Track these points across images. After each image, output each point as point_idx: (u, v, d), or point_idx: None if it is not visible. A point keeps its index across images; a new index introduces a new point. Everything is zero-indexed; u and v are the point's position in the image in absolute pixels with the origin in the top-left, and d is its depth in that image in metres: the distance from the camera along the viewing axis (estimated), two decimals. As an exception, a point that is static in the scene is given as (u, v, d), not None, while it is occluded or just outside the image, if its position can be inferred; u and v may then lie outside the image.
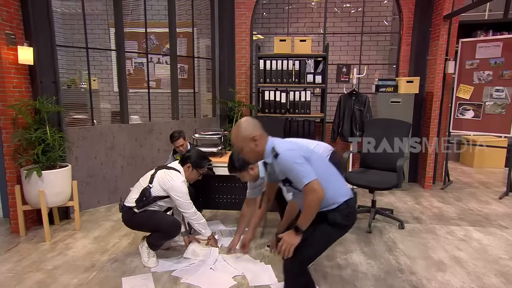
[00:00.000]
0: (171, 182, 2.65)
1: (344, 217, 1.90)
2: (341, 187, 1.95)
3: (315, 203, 1.76)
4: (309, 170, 1.77)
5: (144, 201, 2.66)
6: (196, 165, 2.76)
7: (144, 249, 2.79)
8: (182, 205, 2.67)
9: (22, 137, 3.17)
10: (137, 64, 5.96)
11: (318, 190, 1.74)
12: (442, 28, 4.51)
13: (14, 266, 2.75)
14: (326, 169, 1.95)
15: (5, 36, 3.08)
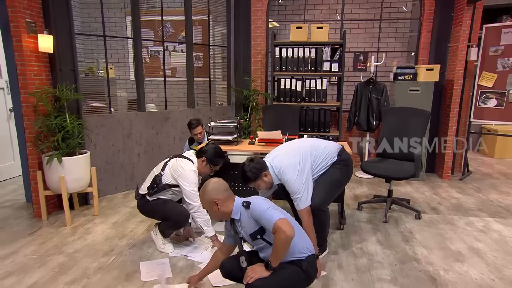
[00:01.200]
0: (181, 170, 2.65)
1: (313, 269, 1.97)
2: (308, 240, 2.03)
3: (283, 242, 1.79)
4: (280, 213, 1.85)
5: (155, 188, 2.70)
6: (211, 162, 2.72)
7: (159, 236, 2.84)
8: (188, 194, 2.62)
9: (43, 124, 3.24)
10: (153, 53, 5.99)
11: (287, 229, 1.77)
12: (465, 14, 4.36)
13: (38, 248, 2.84)
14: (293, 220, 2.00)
15: (25, 24, 3.13)
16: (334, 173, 2.64)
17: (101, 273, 2.49)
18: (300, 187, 2.45)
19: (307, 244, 1.99)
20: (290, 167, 2.47)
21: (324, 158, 2.62)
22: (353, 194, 4.20)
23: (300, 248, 1.94)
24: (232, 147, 3.30)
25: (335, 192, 2.72)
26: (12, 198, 3.99)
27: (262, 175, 2.42)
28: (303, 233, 2.05)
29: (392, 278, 2.44)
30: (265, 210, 1.85)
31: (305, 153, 2.55)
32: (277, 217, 1.81)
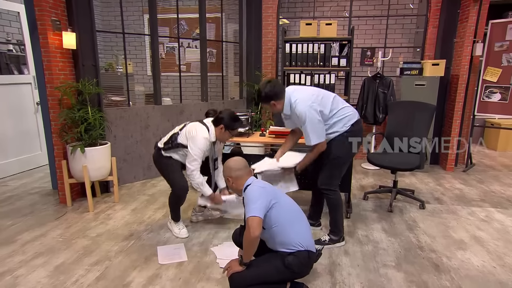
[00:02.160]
0: (194, 133, 2.66)
1: (299, 264, 1.90)
2: (306, 236, 1.96)
3: (247, 239, 1.80)
4: (257, 208, 1.81)
5: (169, 145, 2.73)
6: (228, 127, 2.68)
7: (173, 223, 2.90)
8: (189, 157, 2.64)
9: (67, 116, 3.29)
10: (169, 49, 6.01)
11: (251, 227, 1.76)
12: (471, 10, 4.25)
13: (63, 232, 2.92)
14: (294, 215, 1.99)
15: (51, 22, 3.17)
16: (336, 149, 2.54)
17: (122, 256, 2.54)
18: (308, 124, 2.38)
19: (302, 239, 1.92)
20: (305, 101, 2.40)
21: (339, 116, 2.50)
22: (360, 184, 4.18)
23: (291, 242, 1.90)
24: (244, 138, 3.31)
25: (337, 169, 2.59)
26: (40, 185, 4.08)
27: (271, 103, 2.44)
28: (301, 228, 1.98)
29: (396, 264, 2.44)
30: (250, 201, 1.86)
31: (325, 98, 2.49)
32: (251, 214, 1.79)
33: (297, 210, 2.05)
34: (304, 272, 1.98)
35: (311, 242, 1.98)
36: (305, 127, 2.42)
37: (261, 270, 1.91)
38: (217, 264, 2.43)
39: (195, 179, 2.69)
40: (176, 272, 2.35)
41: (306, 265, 1.95)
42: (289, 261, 1.88)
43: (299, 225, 1.98)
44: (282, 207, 1.94)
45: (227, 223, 3.09)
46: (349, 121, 2.53)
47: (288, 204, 2.01)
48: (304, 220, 2.04)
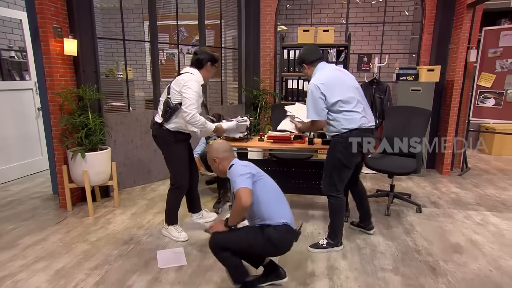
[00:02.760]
0: (184, 81, 2.58)
1: (279, 237, 1.95)
2: (286, 213, 2.02)
3: (237, 207, 1.88)
4: (245, 180, 1.89)
5: (169, 111, 2.63)
6: (213, 61, 2.72)
7: (172, 229, 2.87)
8: (187, 101, 2.53)
9: (68, 121, 3.29)
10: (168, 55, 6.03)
11: (242, 197, 1.84)
12: (465, 17, 4.29)
13: (64, 236, 2.91)
14: (276, 192, 2.06)
15: (53, 29, 3.18)
16: (332, 150, 2.53)
17: (121, 260, 2.53)
18: (309, 98, 2.44)
19: (283, 216, 1.98)
20: (317, 79, 2.44)
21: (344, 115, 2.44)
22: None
23: (272, 217, 1.96)
24: (243, 143, 3.31)
25: (335, 172, 2.54)
26: (40, 190, 4.07)
27: (303, 65, 2.57)
28: (282, 205, 2.04)
29: (393, 267, 2.44)
30: (236, 175, 1.93)
31: (340, 89, 2.43)
32: (240, 185, 1.87)
33: (278, 189, 2.11)
34: (283, 247, 2.02)
35: (291, 220, 2.03)
36: (307, 100, 2.48)
37: (241, 236, 1.99)
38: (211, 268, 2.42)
39: (198, 120, 2.59)
40: (176, 276, 2.34)
41: (285, 239, 1.99)
42: (269, 232, 1.94)
43: (280, 203, 2.05)
44: (265, 183, 2.02)
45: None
46: (349, 124, 2.45)
47: (271, 182, 2.09)
48: (284, 199, 2.10)
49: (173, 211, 2.88)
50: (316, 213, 3.41)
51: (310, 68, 2.55)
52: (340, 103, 2.42)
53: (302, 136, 3.37)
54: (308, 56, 2.54)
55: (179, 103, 2.61)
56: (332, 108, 2.44)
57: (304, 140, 3.32)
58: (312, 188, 3.43)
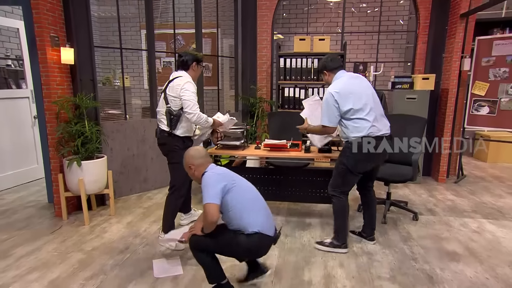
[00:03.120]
0: (179, 86, 2.67)
1: (248, 244, 1.98)
2: (260, 221, 2.01)
3: (206, 222, 1.94)
4: (213, 194, 1.93)
5: (174, 119, 2.73)
6: (198, 60, 2.84)
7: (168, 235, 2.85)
8: (188, 103, 2.64)
9: (64, 130, 3.28)
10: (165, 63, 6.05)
11: (209, 214, 1.89)
12: (458, 27, 4.36)
13: (59, 246, 2.88)
14: (249, 200, 2.05)
15: (50, 38, 3.20)
16: (341, 155, 2.70)
17: (117, 270, 2.51)
18: (324, 104, 2.60)
19: (255, 224, 1.98)
20: (333, 87, 2.58)
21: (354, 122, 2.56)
22: (354, 196, 4.17)
23: (245, 226, 1.98)
24: (239, 151, 3.32)
25: (340, 176, 2.68)
26: (36, 198, 4.04)
27: (324, 72, 2.71)
28: (255, 213, 2.02)
29: (390, 276, 2.43)
30: (205, 187, 1.97)
31: (353, 99, 2.54)
32: (207, 200, 1.92)
33: (254, 195, 2.11)
34: (257, 252, 2.09)
35: (267, 226, 2.03)
36: (322, 106, 2.64)
37: (219, 241, 2.03)
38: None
39: (201, 117, 2.71)
40: (172, 286, 2.31)
41: (259, 246, 2.03)
42: (242, 240, 1.98)
43: (253, 210, 2.04)
44: (238, 192, 2.02)
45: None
46: (357, 132, 2.56)
47: (246, 189, 2.09)
48: (260, 205, 2.09)
49: (171, 218, 2.89)
50: (313, 221, 3.40)
51: (330, 75, 2.70)
52: (352, 111, 2.54)
53: (298, 144, 3.38)
54: (330, 64, 2.68)
55: (180, 109, 2.72)
56: (344, 116, 2.58)
57: (301, 148, 3.34)
58: (309, 196, 3.43)
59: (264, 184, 3.40)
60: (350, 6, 6.36)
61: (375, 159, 2.64)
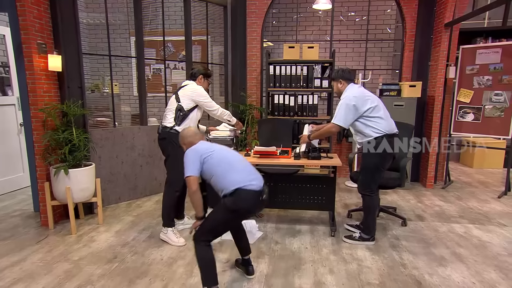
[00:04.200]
0: (196, 91, 3.02)
1: (232, 202, 2.13)
2: (236, 178, 2.16)
3: (190, 196, 2.20)
4: (191, 168, 2.19)
5: (181, 115, 3.00)
6: (206, 75, 3.14)
7: (170, 233, 3.04)
8: (208, 105, 3.05)
9: (51, 138, 3.24)
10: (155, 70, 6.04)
11: (188, 185, 2.18)
12: (443, 35, 4.47)
13: (44, 256, 2.81)
14: (227, 163, 2.22)
15: (37, 45, 3.16)
16: (364, 159, 2.97)
17: (105, 280, 2.46)
18: (342, 104, 2.84)
19: (235, 182, 2.13)
20: (354, 93, 2.84)
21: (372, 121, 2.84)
22: (343, 202, 4.21)
23: (226, 186, 2.14)
24: (229, 159, 3.31)
25: (368, 175, 2.97)
26: (21, 207, 3.95)
27: (338, 81, 2.96)
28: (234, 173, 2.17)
29: (380, 282, 2.45)
30: (185, 162, 2.22)
31: (367, 100, 2.83)
32: (186, 174, 2.18)
33: (233, 159, 2.25)
34: (243, 209, 2.16)
35: (248, 181, 2.14)
36: (339, 108, 2.86)
37: (211, 218, 2.21)
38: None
39: (225, 112, 3.16)
40: (160, 296, 2.28)
41: (242, 201, 2.13)
42: (225, 201, 2.15)
43: (231, 170, 2.19)
44: (216, 158, 2.21)
45: (213, 243, 3.04)
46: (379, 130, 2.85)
47: (224, 155, 2.26)
48: (240, 166, 2.23)
49: (168, 211, 3.06)
50: (303, 227, 3.41)
51: (344, 84, 2.96)
52: (370, 109, 2.83)
53: (288, 151, 3.40)
54: (348, 75, 2.97)
55: (191, 109, 3.02)
56: (365, 115, 2.84)
57: (290, 155, 3.35)
58: (298, 203, 3.44)
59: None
60: (338, 15, 6.46)
61: (393, 154, 2.95)
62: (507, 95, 4.31)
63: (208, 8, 4.82)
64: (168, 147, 3.03)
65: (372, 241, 3.04)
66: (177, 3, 5.45)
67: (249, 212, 2.24)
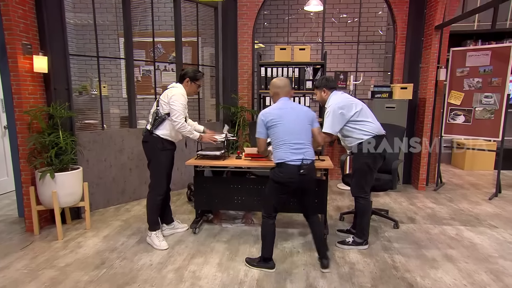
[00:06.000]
0: (171, 93, 2.93)
1: (275, 174, 2.53)
2: (283, 153, 2.49)
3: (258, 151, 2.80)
4: (259, 130, 2.60)
5: (157, 120, 2.98)
6: (193, 78, 3.05)
7: (153, 237, 3.03)
8: (175, 112, 2.90)
9: (37, 141, 3.19)
10: (145, 72, 5.99)
11: (258, 146, 2.71)
12: (433, 38, 4.54)
13: (29, 263, 2.76)
14: (283, 140, 2.50)
15: (21, 46, 3.11)
16: (354, 162, 3.00)
17: (92, 286, 2.43)
18: (330, 112, 2.88)
19: (281, 156, 2.49)
20: (338, 102, 2.88)
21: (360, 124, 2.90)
22: (335, 205, 4.23)
23: (276, 156, 2.54)
24: (220, 162, 3.30)
25: (360, 178, 2.97)
26: (5, 213, 3.87)
27: (322, 90, 2.99)
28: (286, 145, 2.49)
29: (372, 285, 2.46)
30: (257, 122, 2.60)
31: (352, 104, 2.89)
32: (256, 135, 2.62)
33: (291, 135, 2.50)
34: (285, 179, 2.49)
35: (290, 158, 2.47)
36: (326, 117, 2.91)
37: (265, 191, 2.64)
38: None
39: (185, 128, 2.98)
40: (149, 302, 2.26)
41: (283, 173, 2.48)
42: (273, 173, 2.55)
43: (284, 146, 2.50)
44: (278, 129, 2.51)
45: (204, 246, 3.02)
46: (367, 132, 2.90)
47: (286, 128, 2.51)
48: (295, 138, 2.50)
49: (152, 215, 3.08)
50: (295, 231, 3.41)
51: (327, 93, 3.00)
52: (357, 113, 2.88)
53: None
54: (331, 83, 3.00)
55: (167, 114, 2.96)
56: (352, 119, 2.89)
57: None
58: (290, 206, 3.43)
59: (246, 194, 3.39)
60: (330, 17, 6.51)
61: (384, 154, 3.00)
62: (497, 97, 4.39)
63: (199, 9, 4.82)
64: (150, 151, 3.04)
65: (366, 245, 3.04)
66: (167, 4, 5.43)
67: (290, 183, 2.50)
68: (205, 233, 3.34)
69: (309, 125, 2.61)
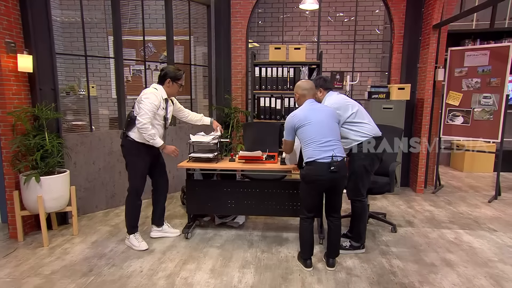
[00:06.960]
0: (145, 92, 2.91)
1: (305, 172, 2.65)
2: (312, 151, 2.58)
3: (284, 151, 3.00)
4: (286, 132, 2.76)
5: (129, 121, 2.97)
6: (174, 78, 3.00)
7: (132, 238, 3.11)
8: (141, 111, 2.85)
9: (21, 143, 3.14)
10: (135, 71, 5.96)
11: (284, 148, 2.92)
12: (431, 37, 4.57)
13: (12, 271, 2.71)
14: (311, 139, 2.60)
15: (5, 44, 3.07)
16: (351, 165, 2.98)
17: (79, 295, 2.40)
18: None
19: (310, 155, 2.58)
20: (333, 103, 2.90)
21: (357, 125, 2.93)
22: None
23: (305, 155, 2.63)
24: (213, 164, 3.28)
25: (360, 180, 2.96)
26: (-13, 218, 3.81)
27: (318, 90, 2.99)
28: (313, 145, 2.58)
29: (369, 291, 2.45)
30: (285, 124, 2.76)
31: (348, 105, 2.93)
32: (284, 137, 2.80)
33: (319, 135, 2.59)
34: (316, 177, 2.59)
35: (320, 156, 2.55)
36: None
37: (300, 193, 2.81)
38: None
39: (148, 130, 2.88)
40: (138, 311, 2.23)
41: (313, 171, 2.58)
42: (303, 172, 2.67)
43: (313, 145, 2.59)
44: (306, 129, 2.61)
45: (196, 251, 3.00)
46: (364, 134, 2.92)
47: (314, 128, 2.60)
48: (321, 142, 2.57)
49: (130, 219, 3.11)
50: (290, 235, 3.40)
51: (323, 93, 3.02)
52: (353, 114, 2.92)
53: (274, 156, 3.40)
54: (328, 84, 3.04)
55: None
56: (348, 121, 2.92)
57: (277, 160, 3.35)
58: (286, 210, 3.43)
59: (240, 198, 3.37)
60: (326, 15, 6.54)
61: (381, 156, 3.02)
62: (496, 98, 4.43)
63: (191, 7, 4.81)
64: (126, 155, 3.07)
65: (363, 248, 3.05)
66: (157, 1, 5.41)
67: (321, 181, 2.59)
68: (198, 238, 3.32)
69: (336, 123, 2.73)
